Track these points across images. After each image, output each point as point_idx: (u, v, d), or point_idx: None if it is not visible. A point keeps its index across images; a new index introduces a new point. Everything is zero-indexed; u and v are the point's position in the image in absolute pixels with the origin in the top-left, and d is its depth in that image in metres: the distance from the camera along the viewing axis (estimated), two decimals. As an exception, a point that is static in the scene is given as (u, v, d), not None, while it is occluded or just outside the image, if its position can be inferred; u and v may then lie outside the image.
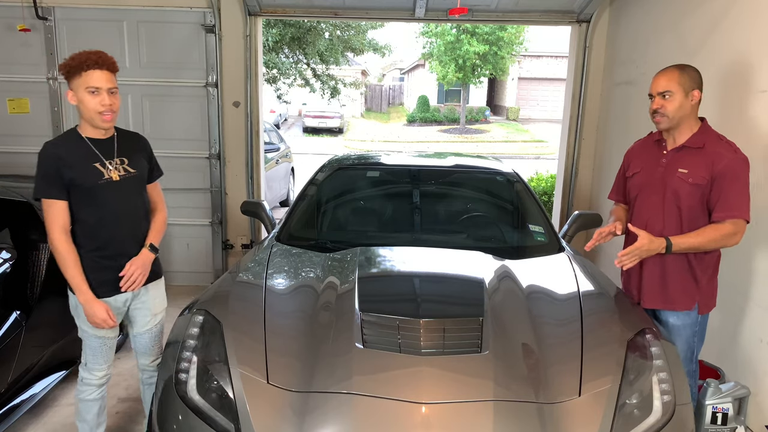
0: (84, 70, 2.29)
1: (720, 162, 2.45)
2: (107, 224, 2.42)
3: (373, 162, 4.03)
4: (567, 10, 5.25)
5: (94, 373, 2.57)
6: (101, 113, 2.34)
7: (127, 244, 2.49)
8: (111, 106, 2.35)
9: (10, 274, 3.05)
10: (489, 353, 2.05)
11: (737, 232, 2.46)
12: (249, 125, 5.31)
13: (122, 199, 2.45)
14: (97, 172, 2.39)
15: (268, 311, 2.34)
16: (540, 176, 8.29)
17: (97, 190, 2.38)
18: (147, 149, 2.65)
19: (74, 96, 2.35)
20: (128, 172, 2.48)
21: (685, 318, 2.61)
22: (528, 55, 28.96)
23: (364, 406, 1.88)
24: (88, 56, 2.30)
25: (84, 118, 2.39)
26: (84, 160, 2.38)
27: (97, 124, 2.38)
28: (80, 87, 2.31)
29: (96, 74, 2.30)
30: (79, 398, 2.61)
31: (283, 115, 27.38)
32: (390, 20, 6.66)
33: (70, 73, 2.31)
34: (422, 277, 2.71)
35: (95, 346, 2.53)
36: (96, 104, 2.32)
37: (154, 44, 5.09)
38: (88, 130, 2.42)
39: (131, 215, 2.50)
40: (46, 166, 2.35)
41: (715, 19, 3.53)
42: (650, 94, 2.57)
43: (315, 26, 11.83)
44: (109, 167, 2.42)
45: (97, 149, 2.42)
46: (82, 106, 2.34)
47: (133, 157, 2.52)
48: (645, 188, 2.66)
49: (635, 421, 1.94)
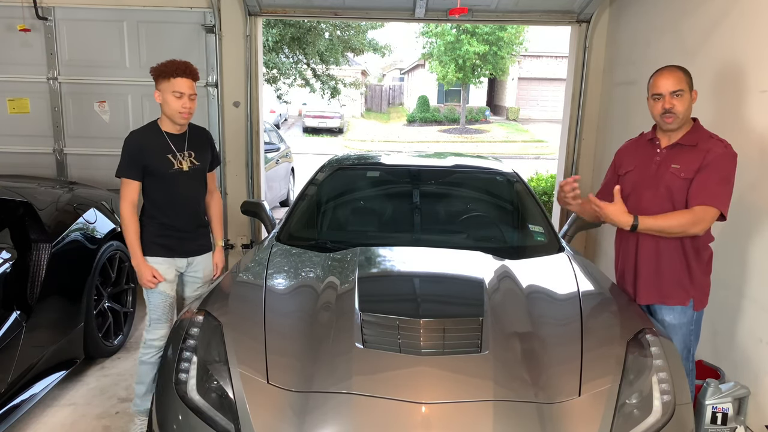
0: (173, 77, 2.73)
1: (709, 155, 2.47)
2: (174, 204, 2.89)
3: (373, 162, 4.03)
4: (567, 10, 5.25)
5: (156, 332, 2.93)
6: (181, 113, 2.78)
7: (188, 220, 2.95)
8: (189, 109, 2.80)
9: (10, 274, 3.05)
10: (489, 353, 2.06)
11: (704, 219, 2.43)
12: (249, 125, 5.31)
13: (187, 186, 2.91)
14: (169, 162, 2.83)
15: (268, 311, 2.34)
16: (540, 176, 8.29)
17: (168, 177, 2.83)
18: (211, 142, 3.09)
19: (160, 96, 2.78)
20: (194, 164, 2.91)
21: (680, 316, 2.62)
22: (528, 55, 28.97)
23: (364, 406, 1.88)
24: (178, 65, 2.76)
25: (166, 115, 2.83)
26: (160, 150, 2.82)
27: (177, 121, 2.82)
28: (167, 90, 2.75)
29: (182, 81, 2.75)
30: (140, 360, 2.95)
31: (283, 115, 27.39)
32: (390, 20, 6.66)
33: (160, 77, 2.75)
34: (422, 277, 2.72)
35: (158, 303, 2.91)
36: (179, 106, 2.76)
37: (154, 44, 5.09)
38: (167, 125, 2.86)
39: (193, 198, 2.97)
40: (130, 151, 2.80)
41: (714, 19, 3.53)
42: (657, 94, 2.54)
43: (315, 26, 11.84)
44: (180, 158, 2.86)
45: (171, 142, 2.85)
46: (166, 106, 2.78)
47: (199, 150, 2.95)
48: (638, 185, 2.67)
49: (635, 421, 1.94)
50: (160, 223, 2.88)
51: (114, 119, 5.18)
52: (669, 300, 2.61)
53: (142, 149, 2.79)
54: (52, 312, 3.26)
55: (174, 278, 2.96)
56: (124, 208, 2.81)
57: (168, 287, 2.93)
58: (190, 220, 2.96)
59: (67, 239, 3.45)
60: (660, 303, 2.64)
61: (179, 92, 2.75)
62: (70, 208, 3.69)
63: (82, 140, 5.23)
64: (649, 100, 2.59)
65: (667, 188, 2.55)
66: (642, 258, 2.64)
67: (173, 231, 2.90)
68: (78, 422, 3.19)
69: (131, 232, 2.81)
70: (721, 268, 2.90)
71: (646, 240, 2.60)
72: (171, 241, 2.91)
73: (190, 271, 3.04)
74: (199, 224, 3.02)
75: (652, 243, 2.60)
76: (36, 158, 5.22)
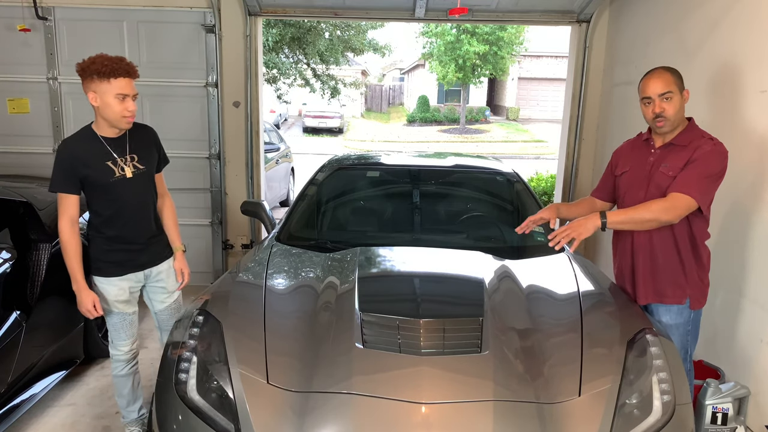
0: (114, 77, 2.43)
1: (697, 152, 2.46)
2: (121, 216, 2.63)
3: (373, 162, 4.03)
4: (567, 10, 5.25)
5: (119, 348, 2.79)
6: (126, 117, 2.51)
7: (137, 231, 2.70)
8: (134, 112, 2.54)
9: (10, 274, 3.05)
10: (489, 353, 2.06)
11: (676, 206, 2.40)
12: (249, 125, 5.31)
13: (134, 194, 2.64)
14: (110, 170, 2.56)
15: (268, 311, 2.34)
16: (540, 176, 8.29)
17: (110, 187, 2.57)
18: (155, 140, 2.81)
19: (96, 98, 2.46)
20: (138, 168, 2.65)
21: (677, 317, 2.62)
22: (528, 55, 28.94)
23: (364, 406, 1.88)
24: (117, 63, 2.44)
25: (104, 119, 2.53)
26: (98, 158, 2.55)
27: (121, 126, 2.56)
28: (107, 92, 2.44)
29: (125, 82, 2.46)
30: (113, 375, 2.85)
31: (283, 115, 27.38)
32: (390, 20, 6.66)
33: (96, 76, 2.42)
34: (422, 277, 2.72)
35: (115, 322, 2.74)
36: (122, 109, 2.48)
37: (154, 44, 5.09)
38: (104, 129, 2.58)
39: (142, 206, 2.69)
40: (63, 162, 2.51)
41: (715, 20, 3.53)
42: (647, 97, 2.52)
43: (315, 26, 11.83)
44: (121, 164, 2.59)
45: (110, 147, 2.58)
46: (108, 109, 2.48)
47: (143, 152, 2.68)
48: (632, 186, 2.68)
49: (635, 421, 1.94)
50: (106, 237, 2.63)
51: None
52: (665, 299, 2.61)
53: (77, 159, 2.50)
54: (52, 312, 3.26)
55: (131, 296, 2.75)
56: (62, 225, 2.53)
57: (125, 306, 2.73)
58: (139, 230, 2.69)
59: (67, 239, 3.45)
60: (657, 302, 2.64)
61: (122, 94, 2.45)
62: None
63: (82, 140, 5.22)
64: (641, 103, 2.58)
65: (656, 187, 2.55)
66: (638, 256, 2.64)
67: (122, 244, 2.65)
68: (78, 422, 3.19)
69: (70, 253, 2.53)
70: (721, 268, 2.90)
71: (641, 237, 2.61)
72: (120, 255, 2.66)
73: (153, 281, 2.81)
74: (150, 234, 2.74)
75: (646, 240, 2.60)
76: (36, 158, 5.21)
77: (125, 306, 2.73)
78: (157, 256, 2.79)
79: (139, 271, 2.74)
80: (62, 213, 2.53)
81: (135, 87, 2.53)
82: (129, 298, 2.74)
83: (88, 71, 2.43)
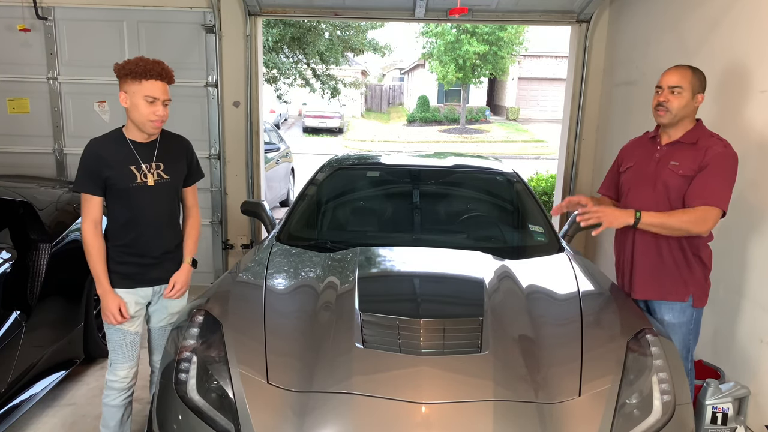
0: (145, 78, 2.36)
1: (709, 153, 2.48)
2: (136, 225, 2.51)
3: (373, 162, 4.03)
4: (567, 10, 5.25)
5: (117, 372, 2.59)
6: (153, 122, 2.43)
7: (152, 245, 2.56)
8: (162, 117, 2.44)
9: (10, 274, 3.05)
10: (489, 353, 2.05)
11: (708, 219, 2.43)
12: (249, 125, 5.31)
13: (152, 203, 2.52)
14: (132, 175, 2.46)
15: (268, 311, 2.34)
16: (540, 176, 8.29)
17: (129, 192, 2.47)
18: (189, 153, 2.70)
19: (127, 99, 2.40)
20: (162, 177, 2.54)
21: (680, 315, 2.62)
22: (528, 55, 28.94)
23: (364, 406, 1.88)
24: (151, 65, 2.38)
25: (133, 122, 2.46)
26: (122, 161, 2.46)
27: (147, 130, 2.46)
28: (137, 93, 2.37)
29: (157, 85, 2.39)
30: (104, 402, 2.63)
31: (283, 115, 27.37)
32: (390, 20, 6.66)
33: (128, 77, 2.37)
34: (422, 277, 2.71)
35: (116, 341, 2.56)
36: (150, 113, 2.40)
37: (154, 44, 5.09)
38: (133, 133, 2.50)
39: (160, 219, 2.57)
40: (88, 163, 2.45)
41: (715, 20, 3.53)
42: (659, 85, 2.57)
43: (315, 26, 11.83)
44: (144, 171, 2.49)
45: (137, 152, 2.49)
46: (135, 111, 2.41)
47: (170, 162, 2.58)
48: (637, 182, 2.68)
49: (635, 421, 1.94)
50: (120, 245, 2.51)
51: (114, 119, 5.17)
52: (669, 296, 2.62)
53: (101, 159, 2.43)
54: (52, 312, 3.26)
55: (137, 312, 2.58)
56: (85, 227, 2.44)
57: (129, 324, 2.55)
58: (153, 243, 2.55)
59: (67, 239, 3.45)
60: (660, 299, 2.65)
61: (152, 97, 2.38)
62: (70, 208, 3.69)
63: (82, 140, 5.11)
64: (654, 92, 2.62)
65: (664, 185, 2.56)
66: (638, 251, 2.65)
67: (134, 256, 2.52)
68: (78, 422, 3.19)
69: (94, 255, 2.45)
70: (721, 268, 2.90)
71: (645, 233, 2.61)
72: (131, 268, 2.52)
73: (159, 300, 2.66)
74: (165, 250, 2.59)
75: (651, 236, 2.60)
76: (36, 158, 5.22)
77: (129, 324, 2.56)
78: (168, 274, 2.62)
79: (147, 287, 2.59)
80: (85, 215, 2.45)
81: (169, 93, 2.45)
82: (135, 314, 2.57)
83: (123, 71, 2.38)
